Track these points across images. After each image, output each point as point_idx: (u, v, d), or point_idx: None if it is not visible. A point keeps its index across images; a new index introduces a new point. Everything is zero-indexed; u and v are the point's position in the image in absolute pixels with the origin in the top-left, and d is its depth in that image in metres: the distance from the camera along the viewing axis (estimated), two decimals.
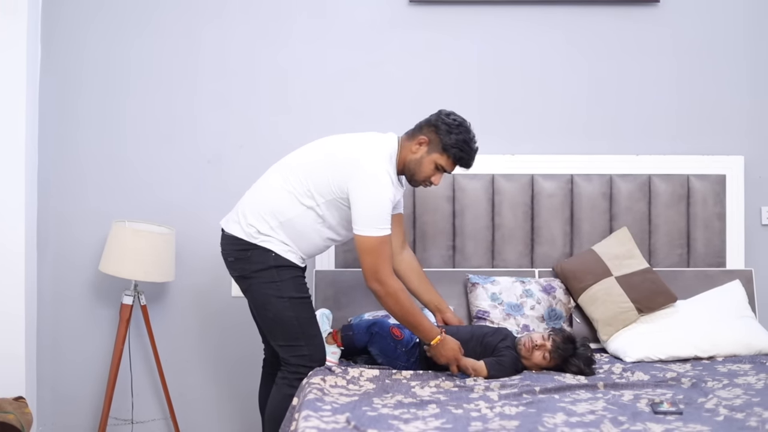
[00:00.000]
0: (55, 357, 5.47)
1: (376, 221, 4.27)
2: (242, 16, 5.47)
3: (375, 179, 4.29)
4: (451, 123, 4.38)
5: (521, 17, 5.49)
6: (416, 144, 4.40)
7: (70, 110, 5.45)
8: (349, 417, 3.62)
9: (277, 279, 4.38)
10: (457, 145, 4.36)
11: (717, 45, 5.54)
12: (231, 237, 4.47)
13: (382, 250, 4.29)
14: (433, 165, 4.40)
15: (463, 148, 4.37)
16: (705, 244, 5.42)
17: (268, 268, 4.38)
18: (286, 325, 4.40)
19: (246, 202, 4.50)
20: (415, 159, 4.40)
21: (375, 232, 4.26)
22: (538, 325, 5.01)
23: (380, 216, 4.27)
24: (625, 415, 3.72)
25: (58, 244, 5.46)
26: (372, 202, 4.28)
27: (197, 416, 5.54)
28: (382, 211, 4.28)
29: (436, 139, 4.37)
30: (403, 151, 4.42)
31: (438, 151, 4.38)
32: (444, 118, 4.40)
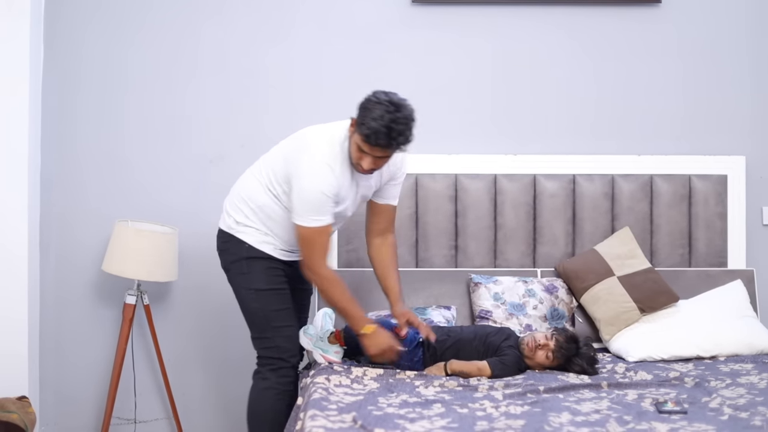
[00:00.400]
0: (58, 357, 5.48)
1: (309, 212, 4.23)
2: (244, 15, 5.48)
3: (311, 171, 4.23)
4: (368, 101, 4.19)
5: (524, 17, 5.51)
6: (351, 126, 4.26)
7: (72, 110, 5.47)
8: (356, 416, 3.62)
9: (246, 270, 4.43)
10: (364, 122, 4.12)
11: (719, 45, 5.56)
12: (218, 230, 4.57)
13: (314, 241, 4.27)
14: (356, 147, 4.21)
15: (371, 126, 4.09)
16: (706, 244, 5.44)
17: (240, 259, 4.44)
18: (253, 317, 4.47)
19: (230, 194, 4.59)
20: (350, 143, 4.26)
21: (309, 223, 4.24)
22: (540, 324, 5.02)
23: (314, 208, 4.23)
24: (630, 414, 3.72)
25: (60, 244, 5.46)
26: (305, 194, 4.23)
27: (200, 416, 5.55)
28: (315, 204, 4.22)
29: (358, 118, 4.19)
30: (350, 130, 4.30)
31: (357, 130, 4.18)
32: (368, 97, 4.21)
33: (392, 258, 4.69)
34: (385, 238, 4.68)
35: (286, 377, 4.47)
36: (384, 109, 4.11)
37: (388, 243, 4.68)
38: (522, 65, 5.53)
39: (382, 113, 4.09)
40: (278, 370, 4.46)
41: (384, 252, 4.67)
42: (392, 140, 4.13)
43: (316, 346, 4.52)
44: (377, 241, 4.67)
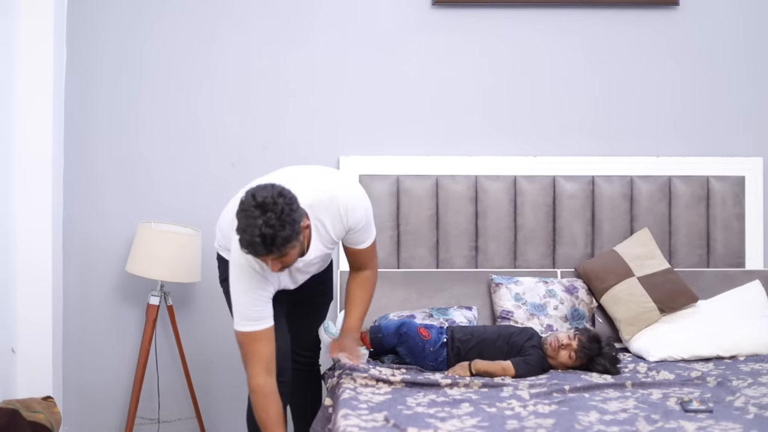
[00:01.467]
0: (82, 357, 5.51)
1: (237, 316, 4.05)
2: (265, 18, 5.51)
3: (232, 270, 4.06)
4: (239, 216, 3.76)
5: (542, 20, 5.54)
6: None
7: (95, 111, 5.49)
8: (387, 415, 3.66)
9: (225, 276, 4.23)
10: (239, 235, 3.75)
11: (736, 46, 5.59)
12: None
13: (245, 348, 4.06)
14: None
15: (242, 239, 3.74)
16: (724, 244, 5.47)
17: (226, 279, 4.22)
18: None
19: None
20: None
21: (237, 326, 4.05)
22: (561, 325, 5.05)
23: (239, 311, 4.04)
24: (658, 413, 3.76)
25: (84, 245, 5.49)
26: (232, 295, 4.07)
27: (223, 416, 5.58)
28: (238, 306, 4.03)
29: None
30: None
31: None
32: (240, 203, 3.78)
33: (357, 289, 4.44)
34: (357, 273, 4.45)
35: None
36: (250, 217, 3.70)
37: (361, 277, 4.44)
38: (541, 67, 5.56)
39: (249, 223, 3.69)
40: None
41: (352, 283, 4.46)
42: (273, 246, 3.72)
43: None
44: (352, 276, 4.47)
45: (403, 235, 5.38)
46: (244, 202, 3.72)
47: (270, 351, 4.05)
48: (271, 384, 4.05)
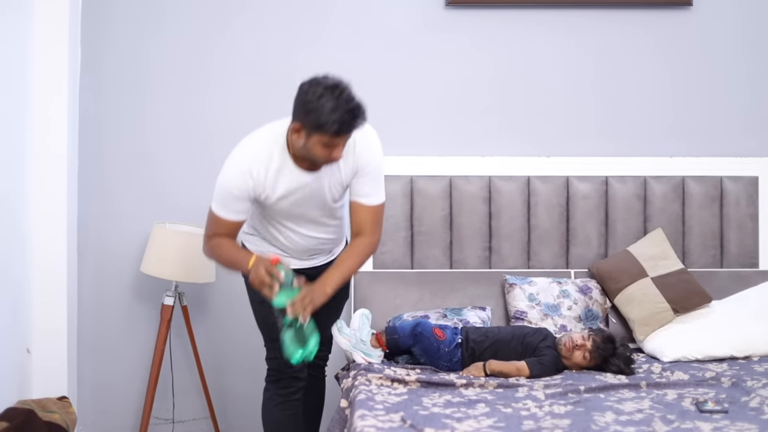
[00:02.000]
0: (96, 357, 5.53)
1: (216, 198, 4.19)
2: (278, 16, 5.52)
3: (226, 165, 4.20)
4: (311, 99, 3.89)
5: (556, 21, 5.54)
6: (293, 133, 3.99)
7: (110, 111, 5.52)
8: (404, 416, 3.67)
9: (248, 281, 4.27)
10: (327, 119, 3.86)
11: (750, 47, 5.60)
12: None
13: (208, 224, 4.27)
14: (320, 145, 3.94)
15: (335, 119, 3.85)
16: (738, 245, 5.48)
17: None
18: (259, 329, 4.50)
19: None
20: (301, 146, 3.98)
21: (214, 207, 4.22)
22: (575, 325, 5.06)
23: (218, 196, 4.17)
24: (673, 413, 3.77)
25: (99, 245, 5.51)
26: (218, 182, 4.18)
27: (238, 416, 5.59)
28: (220, 193, 4.16)
29: (306, 120, 3.91)
30: (291, 138, 4.06)
31: (314, 131, 3.91)
32: (304, 96, 3.93)
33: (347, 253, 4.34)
34: (355, 238, 4.32)
35: (287, 387, 4.42)
36: (331, 98, 3.87)
37: (356, 241, 4.31)
38: (554, 68, 5.57)
39: (334, 103, 3.86)
40: (278, 381, 4.43)
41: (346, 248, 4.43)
42: (358, 120, 3.93)
43: (357, 347, 4.54)
44: (351, 240, 4.39)
45: (416, 235, 5.39)
46: (315, 90, 3.89)
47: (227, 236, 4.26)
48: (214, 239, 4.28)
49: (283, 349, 4.03)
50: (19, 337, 4.88)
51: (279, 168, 4.09)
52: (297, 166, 4.09)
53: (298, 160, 4.09)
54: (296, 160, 4.09)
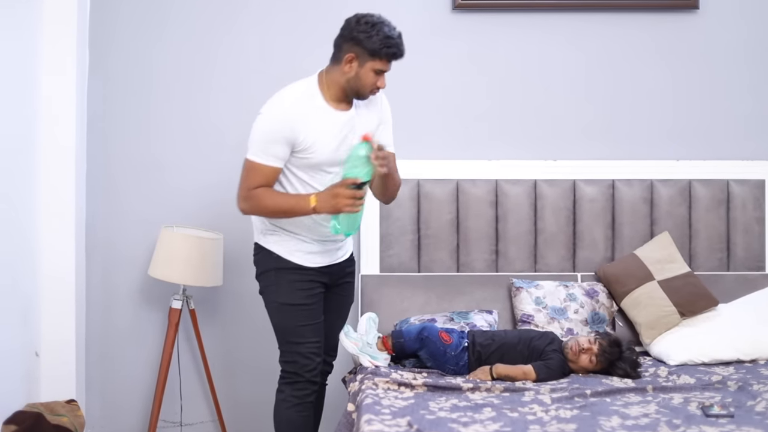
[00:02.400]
0: (105, 360, 5.55)
1: (253, 146, 4.28)
2: (287, 21, 5.53)
3: (265, 111, 4.31)
4: (365, 28, 4.24)
5: (563, 24, 5.55)
6: (345, 64, 4.27)
7: (117, 114, 5.53)
8: (410, 420, 3.69)
9: (273, 282, 4.42)
10: (384, 44, 4.23)
11: (757, 49, 5.59)
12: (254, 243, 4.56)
13: (247, 176, 4.31)
14: (371, 73, 4.28)
15: (390, 44, 4.24)
16: (745, 248, 5.47)
17: (268, 270, 4.44)
18: (276, 330, 4.49)
19: None
20: (352, 77, 4.28)
21: (248, 155, 4.31)
22: (581, 328, 5.06)
23: (258, 143, 4.27)
24: (679, 418, 3.78)
25: (107, 249, 5.52)
26: (255, 130, 4.30)
27: (245, 419, 5.60)
28: (261, 139, 4.27)
29: (360, 50, 4.24)
30: (334, 77, 4.32)
31: (368, 59, 4.25)
32: (356, 27, 4.26)
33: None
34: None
35: (303, 390, 4.44)
36: (382, 27, 4.26)
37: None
38: (562, 71, 5.57)
39: (386, 31, 4.25)
40: (294, 384, 4.44)
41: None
42: (403, 46, 4.33)
43: (364, 351, 4.56)
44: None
45: (423, 239, 5.39)
46: (367, 20, 4.26)
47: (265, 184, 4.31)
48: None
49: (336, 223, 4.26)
50: (28, 341, 4.91)
51: (316, 109, 4.31)
52: (332, 107, 4.34)
53: (334, 102, 4.35)
54: (331, 101, 4.34)
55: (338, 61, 4.30)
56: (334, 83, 4.32)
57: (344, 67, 4.27)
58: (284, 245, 4.40)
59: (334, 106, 4.33)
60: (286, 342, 4.44)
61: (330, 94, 4.34)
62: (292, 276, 4.39)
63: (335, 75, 4.31)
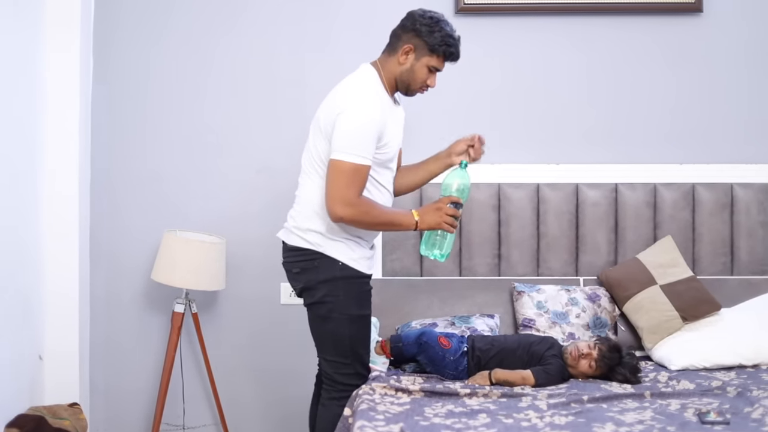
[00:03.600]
0: (108, 364, 5.58)
1: (354, 147, 4.09)
2: (290, 26, 5.55)
3: (358, 106, 4.14)
4: (429, 22, 4.24)
5: (565, 28, 5.54)
6: (402, 55, 4.27)
7: (121, 120, 5.56)
8: (403, 427, 3.69)
9: (342, 293, 4.24)
10: (444, 42, 4.24)
11: (761, 52, 5.57)
12: (294, 248, 4.32)
13: (352, 179, 4.10)
14: (425, 69, 4.29)
15: (449, 43, 4.26)
16: (749, 252, 5.45)
17: (333, 279, 4.24)
18: (338, 342, 4.29)
19: (295, 210, 4.39)
20: (406, 69, 4.29)
21: (349, 158, 4.08)
22: (583, 333, 5.05)
23: (360, 143, 4.10)
24: (674, 425, 3.76)
25: (111, 252, 5.55)
26: (352, 128, 4.11)
27: (247, 423, 5.62)
28: (362, 138, 4.11)
29: (420, 42, 4.24)
30: (389, 67, 4.32)
31: (426, 53, 4.26)
32: (420, 20, 4.25)
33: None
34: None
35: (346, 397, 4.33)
36: (446, 25, 4.27)
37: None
38: (564, 74, 5.57)
39: (449, 30, 4.28)
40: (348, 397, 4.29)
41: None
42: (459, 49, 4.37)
43: None
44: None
45: None
46: (432, 17, 4.28)
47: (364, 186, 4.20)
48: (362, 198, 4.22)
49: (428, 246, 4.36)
50: (32, 345, 4.92)
51: (388, 103, 4.34)
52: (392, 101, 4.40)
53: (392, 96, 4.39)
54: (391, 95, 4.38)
55: (394, 51, 4.31)
56: (389, 74, 4.33)
57: (400, 57, 4.29)
58: (350, 253, 4.28)
59: (393, 101, 4.39)
60: (351, 353, 4.33)
61: (389, 87, 4.35)
62: (358, 285, 4.30)
63: (390, 65, 4.32)
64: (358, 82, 4.30)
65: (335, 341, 4.31)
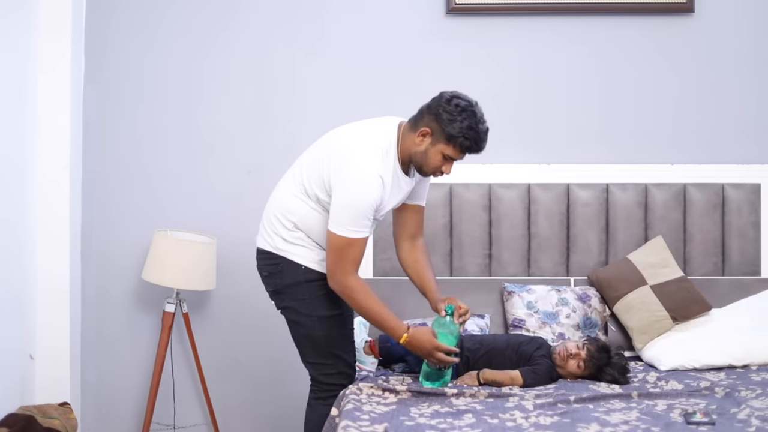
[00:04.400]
0: (99, 363, 5.58)
1: (350, 223, 4.03)
2: (282, 27, 5.55)
3: (359, 182, 4.03)
4: (452, 110, 4.01)
5: (556, 28, 5.54)
6: (419, 136, 4.05)
7: (112, 121, 5.56)
8: (387, 427, 3.68)
9: (307, 296, 4.26)
10: (462, 133, 4.00)
11: (752, 53, 5.57)
12: (261, 251, 4.37)
13: (347, 252, 4.06)
14: (440, 156, 4.07)
15: (469, 136, 4.01)
16: (740, 252, 5.45)
17: (298, 283, 4.25)
18: (315, 343, 4.30)
19: (265, 212, 4.40)
20: (420, 151, 4.07)
21: (347, 233, 4.04)
22: (573, 333, 5.06)
23: (356, 219, 4.03)
24: (658, 425, 3.76)
25: (102, 252, 5.56)
26: (350, 205, 4.03)
27: (238, 422, 5.63)
28: (359, 215, 4.03)
29: (438, 128, 4.02)
30: (406, 141, 4.12)
31: (443, 141, 4.03)
32: (445, 105, 4.02)
33: (425, 258, 4.50)
34: (414, 241, 4.49)
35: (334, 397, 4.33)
36: (471, 116, 4.03)
37: (419, 245, 4.50)
38: (555, 75, 5.57)
39: (472, 122, 4.03)
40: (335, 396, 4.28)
41: (416, 253, 4.48)
42: (483, 147, 4.13)
43: None
44: (407, 245, 4.49)
45: None
46: (457, 104, 4.02)
47: (362, 255, 4.15)
48: (360, 278, 4.16)
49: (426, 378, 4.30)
50: (22, 344, 4.95)
51: (395, 174, 4.15)
52: (402, 170, 4.19)
53: (404, 165, 4.18)
54: (403, 164, 4.18)
55: (415, 128, 4.10)
56: (406, 149, 4.13)
57: (416, 138, 4.08)
58: (310, 257, 4.26)
59: (404, 168, 4.19)
60: (331, 354, 4.33)
61: (402, 156, 4.15)
62: (324, 287, 4.24)
63: (408, 140, 4.12)
64: (371, 144, 4.13)
65: (312, 343, 4.32)
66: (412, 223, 4.48)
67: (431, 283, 4.44)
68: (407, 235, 4.49)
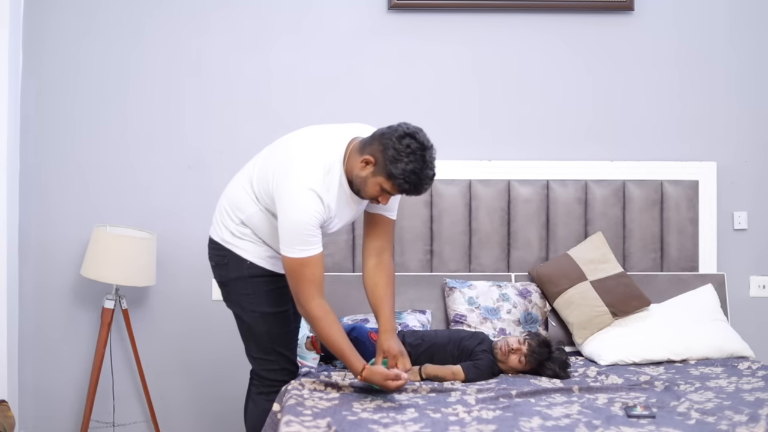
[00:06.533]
0: (37, 360, 5.52)
1: (295, 242, 3.95)
2: (224, 23, 5.52)
3: (294, 199, 3.94)
4: (401, 149, 3.83)
5: (500, 24, 5.57)
6: (362, 162, 3.91)
7: (51, 114, 5.49)
8: (330, 422, 3.68)
9: (250, 291, 4.23)
10: (403, 176, 3.84)
11: (691, 52, 5.63)
12: (211, 241, 4.32)
13: (301, 273, 3.98)
14: (378, 187, 3.94)
15: (410, 180, 3.85)
16: (678, 248, 5.51)
17: (241, 278, 4.23)
18: (258, 339, 4.29)
19: (219, 202, 4.36)
20: (361, 176, 3.94)
21: (292, 253, 3.96)
22: (514, 328, 5.08)
23: (299, 237, 3.94)
24: (600, 419, 3.79)
25: (39, 248, 5.49)
26: (289, 224, 3.95)
27: (178, 419, 5.59)
28: (301, 233, 3.93)
29: (382, 161, 3.86)
30: (350, 161, 3.99)
31: (383, 175, 3.88)
32: (396, 141, 3.84)
33: (386, 282, 4.33)
34: (381, 259, 4.32)
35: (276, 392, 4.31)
36: (419, 160, 3.85)
37: (384, 266, 4.33)
38: (497, 71, 5.59)
39: (417, 166, 3.85)
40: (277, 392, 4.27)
41: (377, 276, 4.32)
42: (425, 190, 3.95)
43: None
44: (372, 263, 4.33)
45: (358, 238, 5.39)
46: (407, 144, 3.83)
47: (321, 274, 4.05)
48: (325, 304, 4.06)
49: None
50: None
51: (340, 193, 4.03)
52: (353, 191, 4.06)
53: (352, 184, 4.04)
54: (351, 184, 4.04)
55: (362, 152, 3.95)
56: (349, 169, 4.01)
57: (360, 162, 3.93)
58: (256, 252, 4.22)
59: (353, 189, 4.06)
60: (274, 351, 4.31)
61: (347, 175, 4.02)
62: (268, 283, 4.24)
63: (352, 162, 3.99)
64: (314, 159, 4.01)
65: (255, 338, 4.30)
66: (380, 235, 4.34)
67: (383, 314, 4.28)
68: (374, 251, 4.34)
